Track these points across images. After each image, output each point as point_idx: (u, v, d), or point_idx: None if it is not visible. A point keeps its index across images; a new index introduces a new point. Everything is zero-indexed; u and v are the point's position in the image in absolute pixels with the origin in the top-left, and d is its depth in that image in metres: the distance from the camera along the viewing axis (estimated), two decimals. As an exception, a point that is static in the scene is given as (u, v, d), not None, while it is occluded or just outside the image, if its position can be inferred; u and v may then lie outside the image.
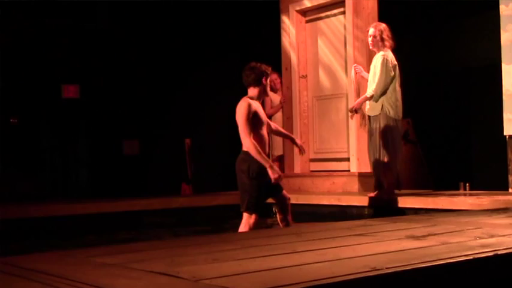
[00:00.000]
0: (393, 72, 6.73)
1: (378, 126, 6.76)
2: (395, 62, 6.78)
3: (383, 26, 6.89)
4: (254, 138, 5.25)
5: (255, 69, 5.39)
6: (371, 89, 6.76)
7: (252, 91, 5.40)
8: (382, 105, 6.71)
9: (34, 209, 7.18)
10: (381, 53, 6.76)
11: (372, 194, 6.89)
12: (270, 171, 5.18)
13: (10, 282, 2.45)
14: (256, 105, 5.37)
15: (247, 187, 5.29)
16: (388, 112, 6.70)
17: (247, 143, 5.22)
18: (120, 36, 9.66)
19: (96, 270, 2.64)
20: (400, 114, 6.83)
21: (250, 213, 5.29)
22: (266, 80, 5.43)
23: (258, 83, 5.38)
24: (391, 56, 6.76)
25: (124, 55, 9.62)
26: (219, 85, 9.93)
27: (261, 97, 5.50)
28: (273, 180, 5.19)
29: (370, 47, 6.96)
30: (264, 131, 5.40)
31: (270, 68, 5.53)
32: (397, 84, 6.78)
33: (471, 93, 8.94)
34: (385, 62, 6.67)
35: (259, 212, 5.37)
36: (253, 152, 5.20)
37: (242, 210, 5.34)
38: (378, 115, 6.74)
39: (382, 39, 6.78)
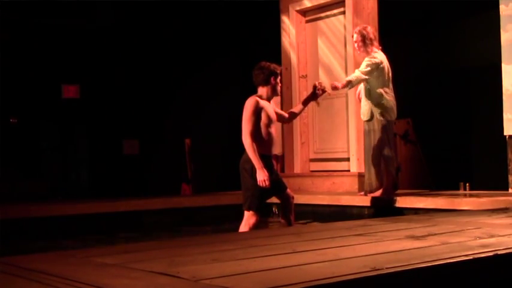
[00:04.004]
0: (386, 76, 6.65)
1: (371, 128, 6.77)
2: (385, 64, 6.67)
3: (367, 29, 6.79)
4: (261, 136, 5.27)
5: (263, 69, 5.44)
6: (353, 75, 6.64)
7: (261, 90, 5.45)
8: (372, 111, 6.70)
9: (34, 209, 7.17)
10: (368, 57, 6.67)
11: (376, 194, 6.88)
12: (258, 172, 5.21)
13: (10, 282, 2.45)
14: (264, 104, 5.38)
15: (250, 186, 5.31)
16: (379, 116, 6.69)
17: (246, 141, 5.24)
18: (120, 36, 9.66)
19: (96, 270, 2.64)
20: (393, 116, 6.76)
21: (252, 213, 5.29)
22: (275, 79, 5.46)
23: (266, 82, 5.42)
24: (379, 58, 6.67)
25: (124, 55, 9.63)
26: (219, 85, 9.93)
27: (271, 96, 5.51)
28: (258, 182, 5.21)
29: (359, 53, 6.93)
30: (272, 130, 5.42)
31: (280, 68, 5.57)
32: (385, 86, 6.67)
33: (471, 93, 8.93)
34: (369, 64, 6.57)
35: (260, 212, 5.38)
36: (248, 150, 5.23)
37: (244, 209, 5.35)
38: (371, 119, 6.74)
39: (365, 44, 6.72)
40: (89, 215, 7.30)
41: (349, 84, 6.65)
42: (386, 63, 6.73)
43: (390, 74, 6.78)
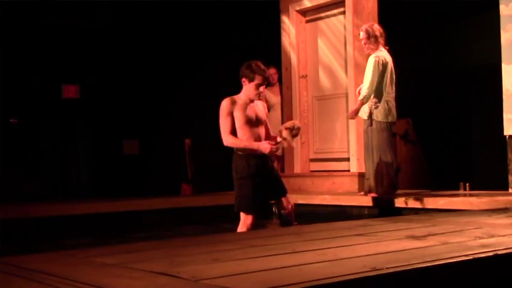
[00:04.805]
0: (389, 76, 6.61)
1: (368, 129, 6.77)
2: (388, 61, 6.65)
3: (373, 26, 6.79)
4: (242, 136, 5.20)
5: (242, 68, 5.34)
6: (363, 91, 6.74)
7: (243, 89, 5.37)
8: (370, 110, 6.69)
9: (34, 209, 7.18)
10: (373, 55, 6.69)
11: (373, 194, 6.89)
12: (261, 150, 5.08)
13: (10, 282, 2.45)
14: (240, 103, 5.24)
15: (236, 187, 5.30)
16: (376, 117, 6.68)
17: (227, 141, 5.19)
18: (120, 36, 9.66)
19: (96, 270, 2.64)
20: (391, 118, 6.70)
21: (245, 214, 5.27)
22: (246, 81, 5.23)
23: (240, 82, 5.31)
24: (384, 57, 6.66)
25: (124, 55, 9.63)
26: (219, 85, 9.92)
27: (250, 98, 5.26)
28: (270, 151, 5.07)
29: (366, 51, 6.93)
30: (257, 128, 5.23)
31: (258, 73, 5.21)
32: (387, 87, 6.66)
33: (471, 93, 8.95)
34: (376, 65, 6.60)
35: (256, 213, 5.28)
36: (235, 146, 5.18)
37: (234, 210, 5.34)
38: (368, 119, 6.74)
39: (370, 41, 6.71)
40: (89, 215, 7.30)
41: (363, 102, 6.70)
42: (390, 64, 6.73)
43: (393, 75, 6.77)
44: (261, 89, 5.27)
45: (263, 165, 5.28)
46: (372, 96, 6.69)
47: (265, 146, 5.11)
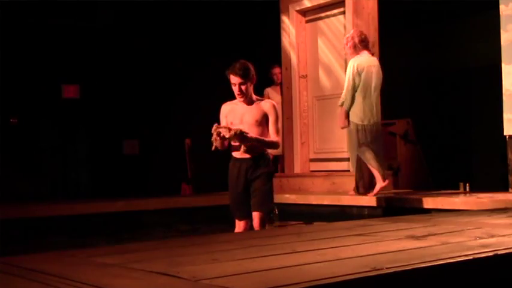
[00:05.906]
0: (357, 81, 6.81)
1: (349, 130, 6.98)
2: (365, 66, 6.80)
3: (354, 33, 6.98)
4: None
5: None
6: (342, 96, 6.96)
7: None
8: (348, 113, 6.90)
9: (34, 209, 7.18)
10: (352, 60, 6.88)
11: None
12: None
13: (10, 282, 2.45)
14: (231, 105, 5.27)
15: None
16: (352, 119, 6.89)
17: None
18: (121, 36, 9.66)
19: (96, 270, 2.64)
20: (367, 121, 6.83)
21: (236, 220, 5.27)
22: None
23: None
24: (359, 61, 6.82)
25: (124, 55, 9.63)
26: (219, 85, 9.92)
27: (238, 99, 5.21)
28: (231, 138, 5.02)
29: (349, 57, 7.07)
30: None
31: (229, 71, 5.22)
32: (365, 90, 6.80)
33: (471, 93, 8.94)
34: (350, 70, 6.81)
35: (243, 217, 5.23)
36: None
37: None
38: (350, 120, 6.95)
39: (348, 47, 6.89)
40: (89, 215, 7.30)
41: (345, 108, 6.91)
42: (368, 69, 6.83)
43: (375, 79, 6.86)
44: (236, 90, 5.18)
45: (247, 169, 5.16)
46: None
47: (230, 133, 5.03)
